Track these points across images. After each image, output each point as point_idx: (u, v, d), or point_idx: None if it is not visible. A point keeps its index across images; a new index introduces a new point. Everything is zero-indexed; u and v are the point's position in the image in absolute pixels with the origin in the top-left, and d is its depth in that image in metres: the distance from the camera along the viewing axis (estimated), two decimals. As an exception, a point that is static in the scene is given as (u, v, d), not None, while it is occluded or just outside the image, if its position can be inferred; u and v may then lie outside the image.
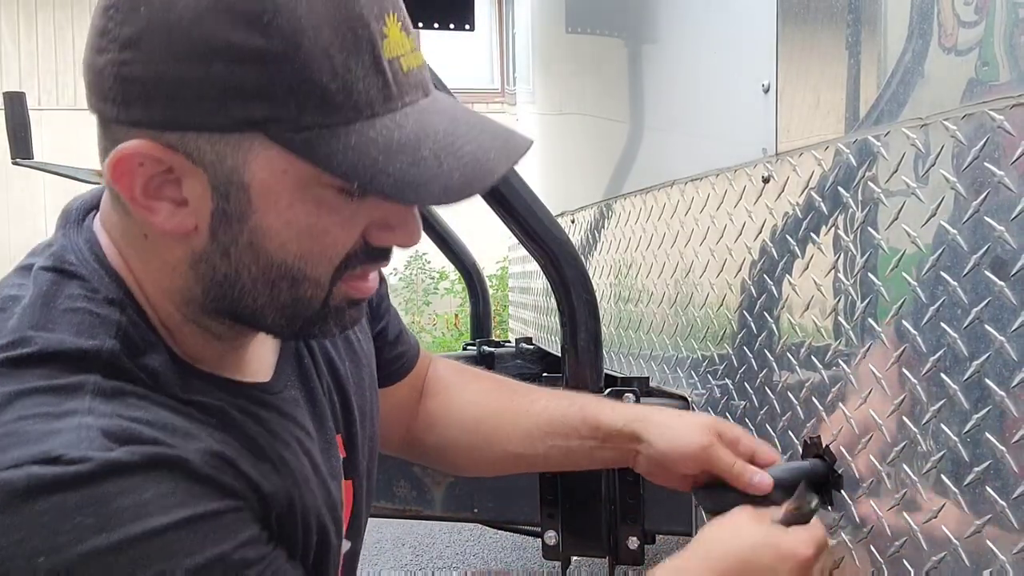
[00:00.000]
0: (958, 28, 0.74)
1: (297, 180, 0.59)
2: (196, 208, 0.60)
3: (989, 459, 0.69)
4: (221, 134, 0.57)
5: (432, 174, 0.58)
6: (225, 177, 0.59)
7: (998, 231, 0.68)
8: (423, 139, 0.59)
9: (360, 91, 0.58)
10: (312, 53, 0.56)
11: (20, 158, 2.20)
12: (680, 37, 1.40)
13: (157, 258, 0.64)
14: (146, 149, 0.58)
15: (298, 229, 0.61)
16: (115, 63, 0.57)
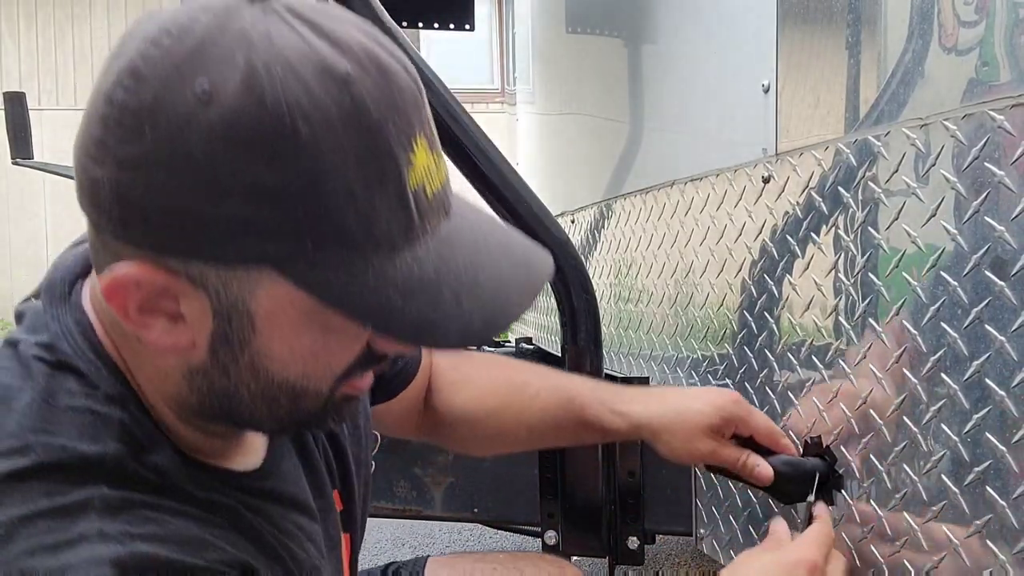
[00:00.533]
0: (958, 28, 0.74)
1: (305, 310, 0.55)
2: (194, 325, 0.56)
3: (989, 459, 0.69)
4: (228, 266, 0.53)
5: (451, 317, 0.55)
6: (228, 304, 0.54)
7: (998, 231, 0.68)
8: (443, 276, 0.55)
9: (382, 227, 0.53)
10: (334, 191, 0.51)
11: (20, 158, 2.20)
12: (680, 37, 1.40)
13: (150, 363, 0.60)
14: (144, 274, 0.53)
15: (302, 352, 0.57)
16: (113, 180, 0.51)
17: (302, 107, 0.49)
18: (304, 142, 0.49)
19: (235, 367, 0.57)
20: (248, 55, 0.49)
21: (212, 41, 0.50)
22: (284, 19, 0.51)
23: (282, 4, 0.52)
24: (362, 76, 0.51)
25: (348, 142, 0.51)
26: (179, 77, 0.49)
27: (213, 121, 0.49)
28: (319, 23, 0.52)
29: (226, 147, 0.49)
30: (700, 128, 1.31)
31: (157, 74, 0.50)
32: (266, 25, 0.51)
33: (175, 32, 0.51)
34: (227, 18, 0.51)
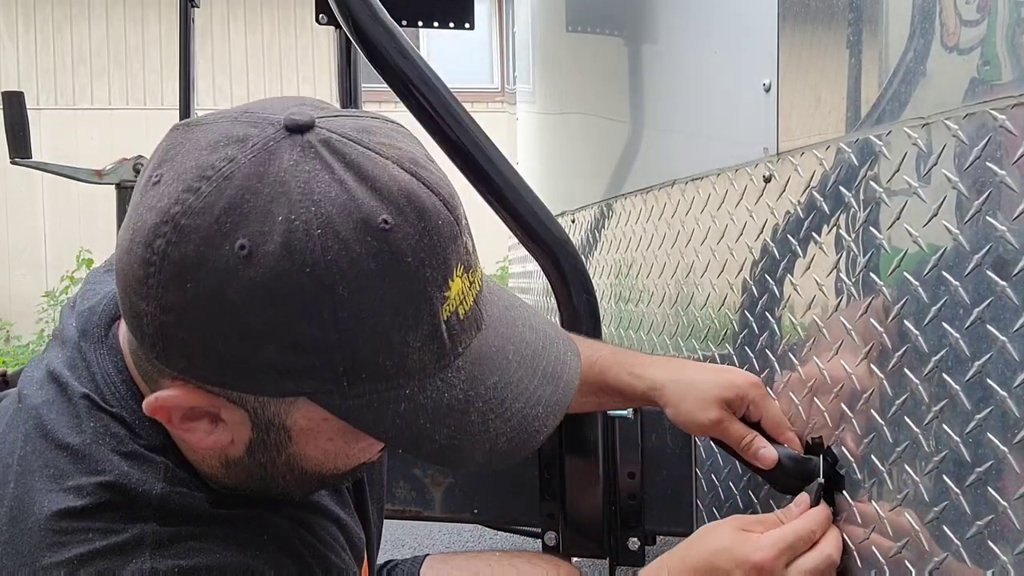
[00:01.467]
0: (960, 27, 0.74)
1: (338, 427, 0.58)
2: (233, 430, 0.59)
3: (991, 459, 0.69)
4: (265, 396, 0.56)
5: (477, 440, 0.57)
6: (266, 420, 0.58)
7: (1000, 231, 0.68)
8: (472, 399, 0.57)
9: (414, 360, 0.55)
10: (369, 338, 0.53)
11: (19, 157, 2.20)
12: (680, 36, 1.40)
13: (187, 446, 0.63)
14: (186, 398, 0.56)
15: (335, 454, 0.61)
16: (157, 320, 0.54)
17: (341, 267, 0.51)
18: (341, 300, 0.51)
19: (272, 466, 0.61)
20: (287, 214, 0.50)
21: (251, 191, 0.50)
22: (324, 160, 0.52)
23: (321, 137, 0.52)
24: (401, 224, 0.52)
25: (385, 292, 0.52)
26: (219, 234, 0.50)
27: (253, 279, 0.50)
28: (359, 164, 0.52)
29: (265, 303, 0.51)
30: (701, 127, 1.31)
31: (197, 228, 0.51)
32: (306, 173, 0.51)
33: (213, 178, 0.51)
34: (266, 161, 0.51)
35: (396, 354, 0.54)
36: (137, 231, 0.53)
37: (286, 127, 0.52)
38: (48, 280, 7.73)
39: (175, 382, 0.57)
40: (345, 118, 0.55)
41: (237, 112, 0.55)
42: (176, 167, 0.53)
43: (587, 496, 1.35)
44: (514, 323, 0.63)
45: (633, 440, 1.28)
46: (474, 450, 0.57)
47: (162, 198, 0.52)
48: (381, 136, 0.55)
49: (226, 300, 0.51)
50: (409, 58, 1.18)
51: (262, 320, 0.51)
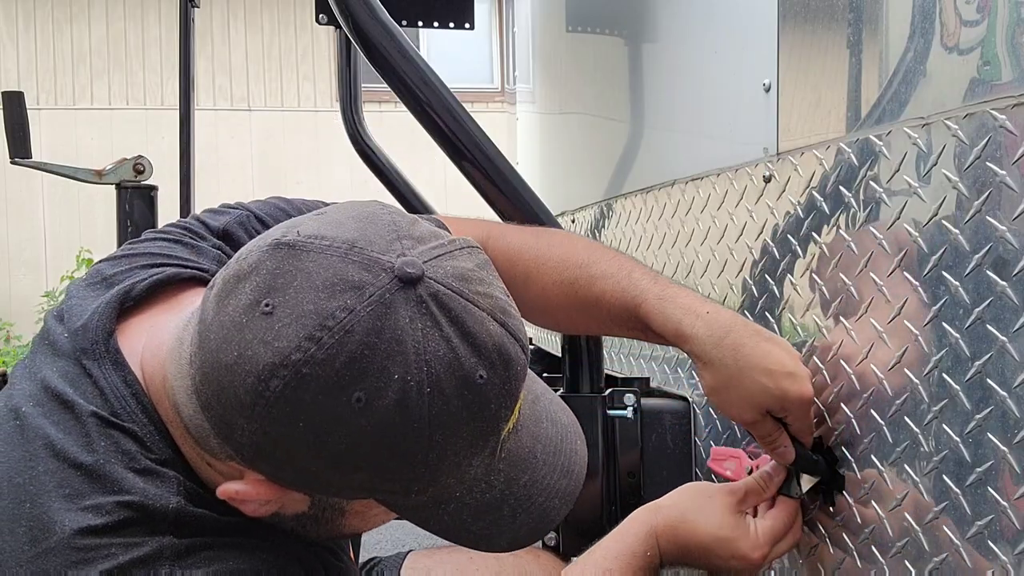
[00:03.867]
0: (960, 27, 0.74)
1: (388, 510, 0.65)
2: (290, 502, 0.64)
3: (991, 460, 0.69)
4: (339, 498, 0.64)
5: (505, 530, 0.65)
6: (326, 505, 0.65)
7: (1000, 231, 0.68)
8: (506, 497, 0.65)
9: (470, 476, 0.62)
10: (448, 463, 0.60)
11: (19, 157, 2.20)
12: (681, 36, 1.40)
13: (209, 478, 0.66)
14: (264, 493, 0.61)
15: (373, 524, 0.69)
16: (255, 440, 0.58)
17: (441, 420, 0.57)
18: (435, 444, 0.57)
19: (315, 529, 0.67)
20: (404, 374, 0.55)
21: (370, 347, 0.55)
22: (434, 318, 0.56)
23: (431, 291, 0.57)
24: (492, 377, 0.58)
25: (467, 433, 0.59)
26: (338, 386, 0.55)
27: (363, 426, 0.55)
28: (462, 320, 0.57)
29: (369, 447, 0.56)
30: (701, 127, 1.31)
31: (317, 378, 0.54)
32: (419, 332, 0.56)
33: (335, 329, 0.54)
34: (384, 315, 0.55)
35: (459, 472, 0.61)
36: (246, 360, 0.55)
37: (399, 278, 0.56)
38: (48, 280, 7.73)
39: (250, 475, 0.61)
40: (446, 261, 0.59)
41: (344, 247, 0.58)
42: (292, 305, 0.55)
43: (587, 496, 1.35)
44: (540, 419, 0.69)
45: (633, 440, 1.28)
46: (501, 538, 0.65)
47: (279, 338, 0.55)
48: (476, 284, 0.60)
49: (333, 440, 0.56)
50: (409, 58, 1.18)
51: (360, 457, 0.57)
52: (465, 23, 2.18)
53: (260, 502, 0.62)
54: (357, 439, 0.56)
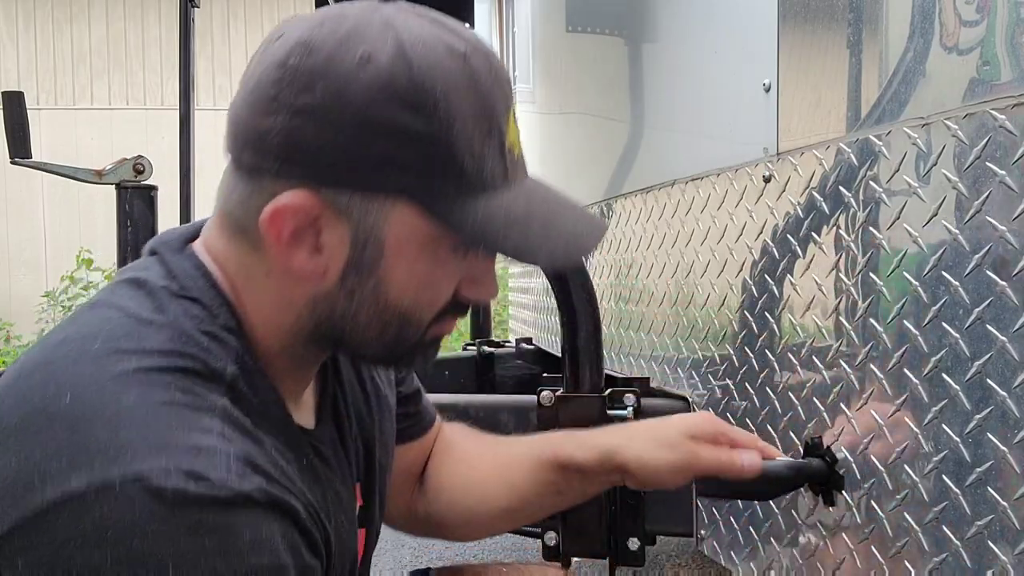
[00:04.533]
0: (959, 27, 0.74)
1: (425, 238, 0.67)
2: (331, 256, 0.67)
3: (991, 459, 0.69)
4: (372, 194, 0.65)
5: (540, 243, 0.69)
6: (365, 231, 0.66)
7: (1000, 231, 0.68)
8: (532, 216, 0.69)
9: (488, 170, 0.67)
10: (459, 137, 0.65)
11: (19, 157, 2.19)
12: (681, 36, 1.40)
13: (276, 295, 0.70)
14: (303, 200, 0.65)
15: (417, 279, 0.69)
16: (285, 126, 0.64)
17: (437, 74, 0.64)
18: (439, 99, 0.63)
19: (359, 292, 0.69)
20: (396, 35, 0.64)
21: (366, 23, 0.65)
22: (414, 13, 0.67)
23: (407, 5, 0.68)
24: (475, 54, 0.66)
25: (467, 102, 0.65)
26: (343, 47, 0.63)
27: (372, 78, 0.63)
28: (437, 19, 0.68)
29: (381, 99, 0.62)
30: (701, 128, 1.31)
31: (325, 44, 0.63)
32: (403, 16, 0.66)
33: (333, 17, 0.65)
34: (372, 11, 0.66)
35: (475, 161, 0.66)
36: (264, 66, 0.65)
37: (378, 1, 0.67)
38: (48, 280, 7.72)
39: (292, 191, 0.65)
40: None
41: None
42: (295, 25, 0.66)
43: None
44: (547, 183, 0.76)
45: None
46: (539, 252, 0.69)
47: (288, 39, 0.65)
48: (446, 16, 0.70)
49: (348, 96, 0.63)
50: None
51: (377, 113, 0.63)
52: (465, 23, 2.18)
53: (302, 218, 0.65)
54: (368, 92, 0.62)
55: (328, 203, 0.65)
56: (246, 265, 0.70)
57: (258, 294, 0.71)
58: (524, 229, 0.68)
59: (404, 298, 0.69)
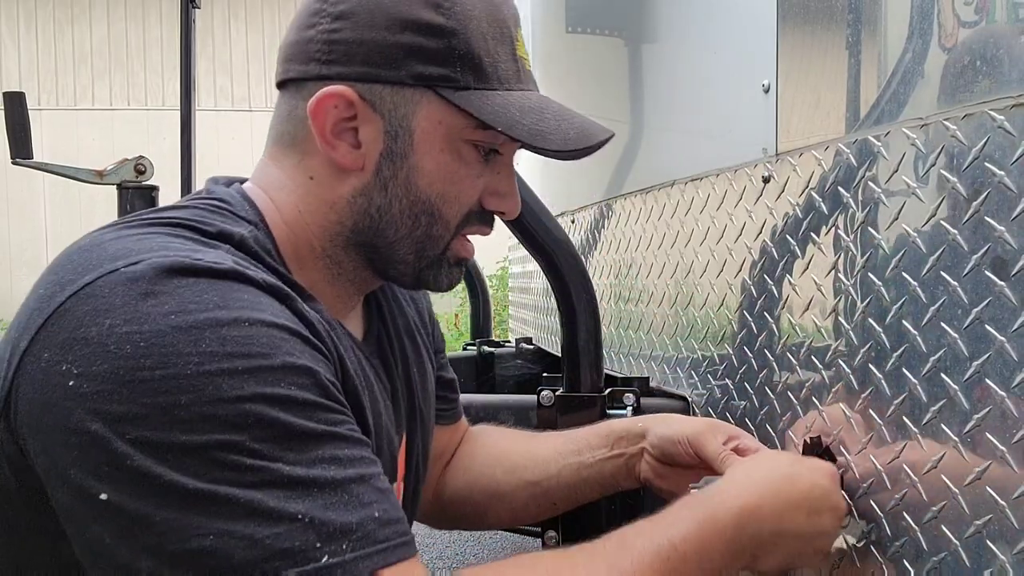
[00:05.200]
0: (958, 28, 0.74)
1: (449, 130, 0.75)
2: (368, 151, 0.75)
3: (990, 459, 0.69)
4: (400, 87, 0.74)
5: (554, 130, 0.75)
6: (396, 122, 0.75)
7: (998, 231, 0.68)
8: (545, 108, 0.77)
9: (503, 69, 0.76)
10: (475, 34, 0.74)
11: (20, 158, 2.20)
12: (680, 37, 1.40)
13: (318, 198, 0.77)
14: (343, 92, 0.73)
15: (443, 171, 0.76)
16: (326, 31, 0.74)
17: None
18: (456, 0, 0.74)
19: (393, 182, 0.76)
20: None
21: None
22: None
23: None
24: None
25: (480, 6, 0.75)
26: None
27: None
28: None
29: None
30: (700, 128, 1.31)
31: None
32: None
33: None
34: None
35: (491, 57, 0.75)
36: None
37: None
38: (49, 280, 7.72)
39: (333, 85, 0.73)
40: None
41: None
42: None
43: (587, 496, 1.35)
44: None
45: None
46: (553, 137, 0.74)
47: None
48: None
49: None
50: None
51: (403, 10, 0.73)
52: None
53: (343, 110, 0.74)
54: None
55: (364, 98, 0.74)
56: (292, 176, 0.78)
57: (304, 202, 0.77)
58: (539, 117, 0.75)
59: (432, 189, 0.76)
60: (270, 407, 0.60)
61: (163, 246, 0.65)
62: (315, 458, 0.61)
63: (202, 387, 0.58)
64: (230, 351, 0.59)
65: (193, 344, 0.59)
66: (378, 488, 0.64)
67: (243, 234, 0.71)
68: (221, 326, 0.60)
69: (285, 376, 0.61)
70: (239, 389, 0.59)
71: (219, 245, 0.68)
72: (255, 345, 0.61)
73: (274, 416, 0.60)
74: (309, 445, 0.61)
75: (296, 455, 0.60)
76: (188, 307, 0.60)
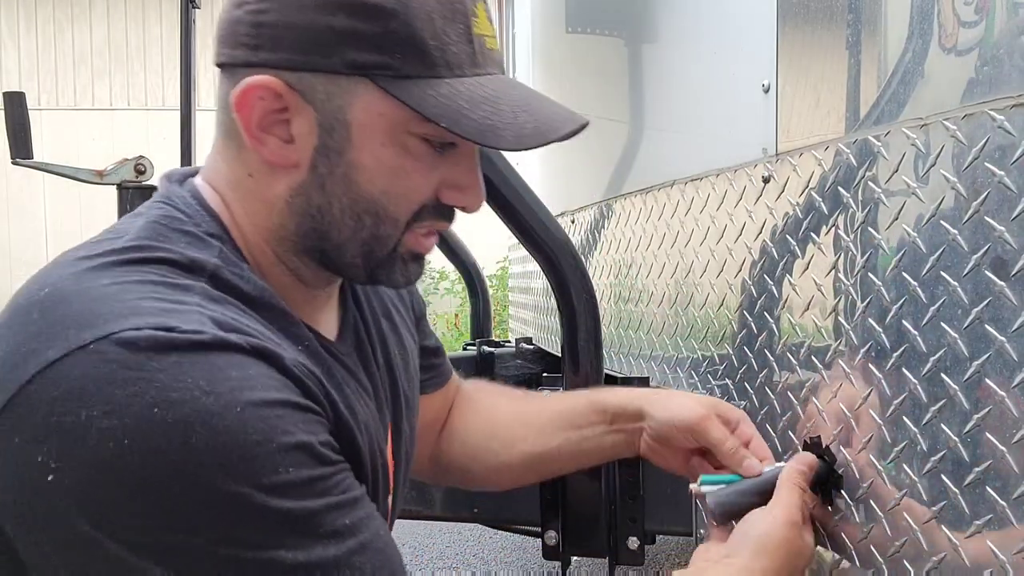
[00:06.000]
0: (958, 28, 0.74)
1: (390, 123, 0.67)
2: (301, 146, 0.68)
3: (989, 459, 0.69)
4: (333, 75, 0.66)
5: (508, 123, 0.67)
6: (331, 114, 0.67)
7: (998, 231, 0.68)
8: (502, 98, 0.68)
9: (453, 53, 0.67)
10: (418, 14, 0.65)
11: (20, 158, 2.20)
12: (680, 37, 1.40)
13: (258, 197, 0.71)
14: (269, 83, 0.66)
15: (386, 168, 0.68)
16: (253, 11, 0.66)
17: None
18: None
19: (330, 179, 0.69)
20: None
21: None
22: None
23: None
24: None
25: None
26: None
27: None
28: None
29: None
30: (700, 128, 1.31)
31: None
32: None
33: None
34: None
35: (438, 40, 0.66)
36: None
37: None
38: (49, 280, 7.72)
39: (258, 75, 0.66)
40: None
41: None
42: None
43: (587, 495, 1.36)
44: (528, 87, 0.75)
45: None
46: (506, 132, 0.66)
47: None
48: None
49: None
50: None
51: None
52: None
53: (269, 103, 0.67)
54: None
55: (294, 88, 0.66)
56: (233, 171, 0.71)
57: (245, 200, 0.71)
58: (492, 109, 0.67)
59: (374, 186, 0.69)
60: (269, 497, 0.57)
61: (133, 309, 0.59)
62: (315, 537, 0.59)
63: (194, 485, 0.55)
64: (223, 443, 0.55)
65: (181, 439, 0.55)
66: (378, 549, 0.63)
67: (216, 265, 0.66)
68: (211, 416, 0.55)
69: (282, 460, 0.58)
70: (235, 484, 0.55)
71: (193, 286, 0.63)
72: (249, 433, 0.56)
73: (274, 506, 0.57)
74: (309, 526, 0.59)
75: (296, 539, 0.58)
76: (170, 396, 0.55)
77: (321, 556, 0.59)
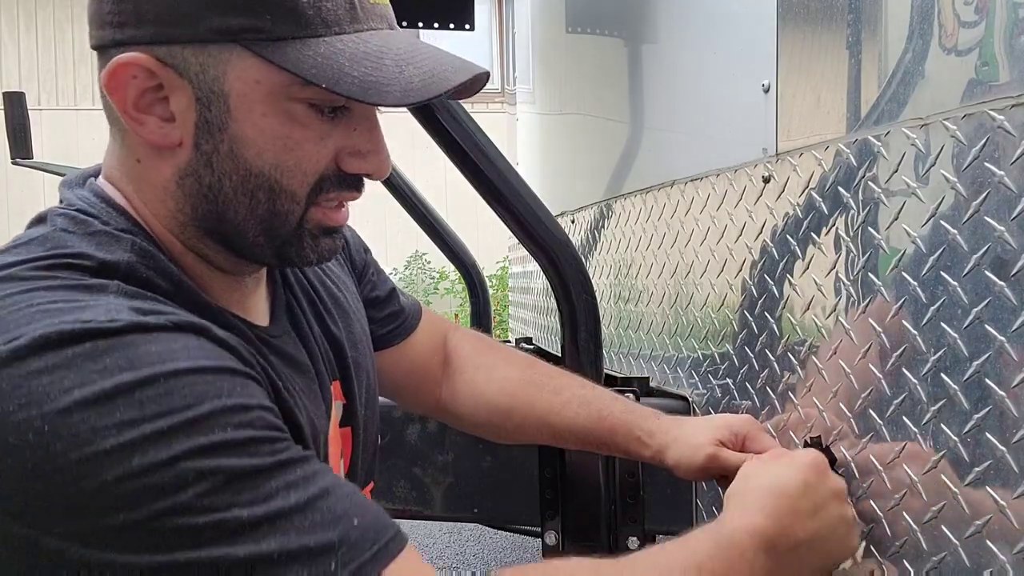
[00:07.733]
0: (958, 28, 0.74)
1: (269, 90, 0.64)
2: (182, 123, 0.65)
3: (989, 459, 0.69)
4: (203, 44, 0.63)
5: (393, 78, 0.63)
6: (207, 87, 0.64)
7: (998, 231, 0.68)
8: (385, 52, 0.65)
9: (329, 10, 0.63)
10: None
11: (20, 158, 2.20)
12: (680, 37, 1.40)
13: (150, 183, 0.68)
14: (137, 59, 0.63)
15: (272, 138, 0.65)
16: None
17: None
18: None
19: (216, 156, 0.65)
20: None
21: None
22: None
23: None
24: None
25: None
26: None
27: None
28: None
29: None
30: (700, 128, 1.31)
31: None
32: None
33: None
34: None
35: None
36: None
37: None
38: (49, 280, 7.72)
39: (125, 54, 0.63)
40: None
41: None
42: None
43: (587, 495, 1.36)
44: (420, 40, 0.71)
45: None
46: (390, 88, 0.63)
47: None
48: None
49: None
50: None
51: None
52: (465, 24, 2.19)
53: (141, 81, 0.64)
54: None
55: (163, 62, 0.63)
56: (122, 160, 0.69)
57: (140, 189, 0.68)
58: (375, 65, 0.63)
59: (263, 160, 0.65)
60: (209, 457, 0.55)
61: (44, 311, 0.56)
62: (270, 492, 0.57)
63: (127, 459, 0.52)
64: (151, 412, 0.54)
65: (106, 416, 0.53)
66: (345, 494, 0.61)
67: (129, 260, 0.63)
68: (133, 389, 0.54)
69: (218, 420, 0.56)
70: (170, 450, 0.54)
71: (106, 284, 0.61)
72: (177, 398, 0.55)
73: (215, 465, 0.55)
74: (260, 481, 0.57)
75: (250, 495, 0.56)
76: (91, 377, 0.53)
77: (281, 506, 0.56)
